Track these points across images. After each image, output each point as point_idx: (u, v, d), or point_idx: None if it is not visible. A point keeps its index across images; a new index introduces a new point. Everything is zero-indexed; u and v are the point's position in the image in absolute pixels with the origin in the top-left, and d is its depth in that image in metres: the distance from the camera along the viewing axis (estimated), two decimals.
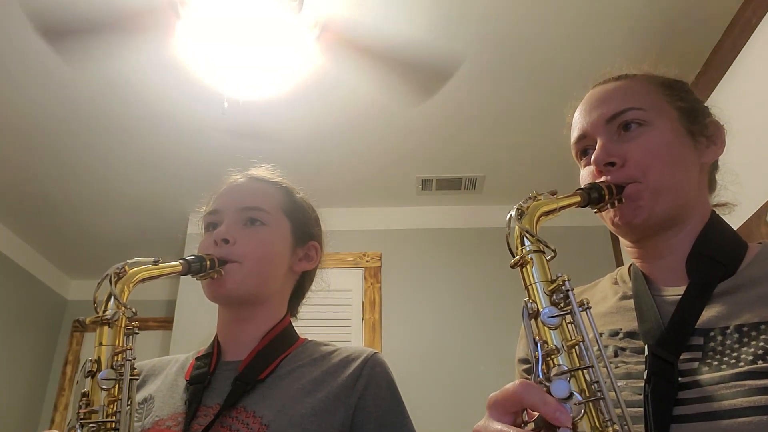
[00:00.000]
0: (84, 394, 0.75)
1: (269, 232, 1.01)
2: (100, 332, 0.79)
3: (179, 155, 2.97)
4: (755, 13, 2.05)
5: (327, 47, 2.22)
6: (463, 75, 2.45)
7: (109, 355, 0.77)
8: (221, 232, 0.96)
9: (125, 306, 0.80)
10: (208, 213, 1.04)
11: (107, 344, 0.78)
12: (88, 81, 2.47)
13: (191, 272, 0.90)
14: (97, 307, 0.80)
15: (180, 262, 0.89)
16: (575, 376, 0.57)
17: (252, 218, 1.00)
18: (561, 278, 0.62)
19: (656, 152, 0.77)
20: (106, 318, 0.78)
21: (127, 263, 0.83)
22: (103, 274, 0.81)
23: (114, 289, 0.80)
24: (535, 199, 0.70)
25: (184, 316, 3.24)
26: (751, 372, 0.62)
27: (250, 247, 0.97)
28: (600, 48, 2.30)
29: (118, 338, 0.79)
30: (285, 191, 1.08)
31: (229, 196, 1.03)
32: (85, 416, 0.74)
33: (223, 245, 0.96)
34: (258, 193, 1.04)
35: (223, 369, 0.96)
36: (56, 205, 3.36)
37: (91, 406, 0.74)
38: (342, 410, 0.90)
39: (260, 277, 0.98)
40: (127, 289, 0.81)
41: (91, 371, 0.76)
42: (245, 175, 1.09)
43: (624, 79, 0.86)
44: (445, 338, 3.17)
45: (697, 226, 0.78)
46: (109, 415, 0.74)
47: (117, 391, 0.76)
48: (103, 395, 0.75)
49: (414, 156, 3.05)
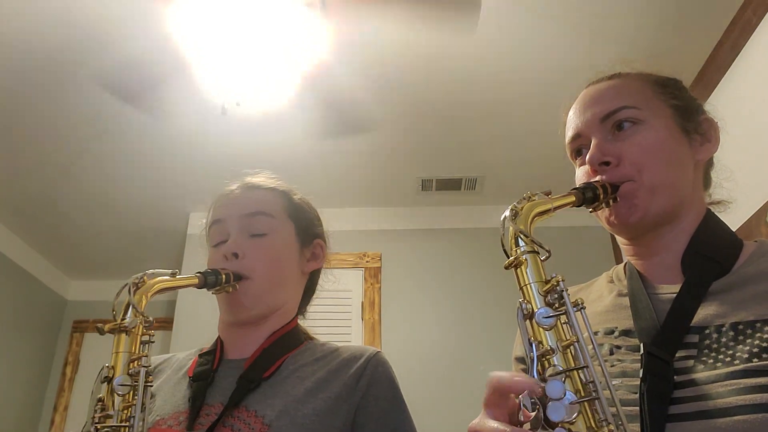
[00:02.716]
0: (99, 400, 0.77)
1: (275, 239, 1.01)
2: (117, 339, 0.81)
3: (179, 155, 2.97)
4: (755, 13, 2.05)
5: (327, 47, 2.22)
6: (464, 75, 2.45)
7: (125, 362, 0.79)
8: (230, 246, 0.97)
9: (143, 315, 0.82)
10: (211, 224, 1.04)
11: (124, 351, 0.80)
12: (90, 79, 2.47)
13: (207, 285, 0.92)
14: (116, 315, 0.82)
15: (197, 276, 0.90)
16: (570, 377, 0.57)
17: (257, 228, 1.00)
18: (555, 278, 0.61)
19: (651, 150, 0.77)
20: (124, 326, 0.80)
21: (146, 273, 0.86)
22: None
23: (132, 298, 0.82)
24: (530, 200, 0.69)
25: (184, 317, 3.24)
26: (746, 370, 0.62)
27: (260, 259, 0.98)
28: (600, 48, 2.30)
29: (135, 346, 0.80)
30: (284, 195, 1.08)
31: (231, 205, 1.03)
32: (100, 421, 0.75)
33: (233, 259, 0.96)
34: (259, 200, 1.04)
35: (226, 367, 0.96)
36: (56, 205, 3.36)
37: (106, 411, 0.76)
38: (344, 410, 0.90)
39: (274, 288, 0.99)
40: (145, 298, 0.83)
41: (108, 377, 0.78)
42: (242, 183, 1.08)
43: (617, 78, 0.85)
44: (445, 338, 3.17)
45: (692, 224, 0.78)
46: (123, 420, 0.75)
47: (131, 397, 0.77)
48: (118, 401, 0.76)
49: (414, 156, 3.05)
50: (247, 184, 1.08)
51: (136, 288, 0.83)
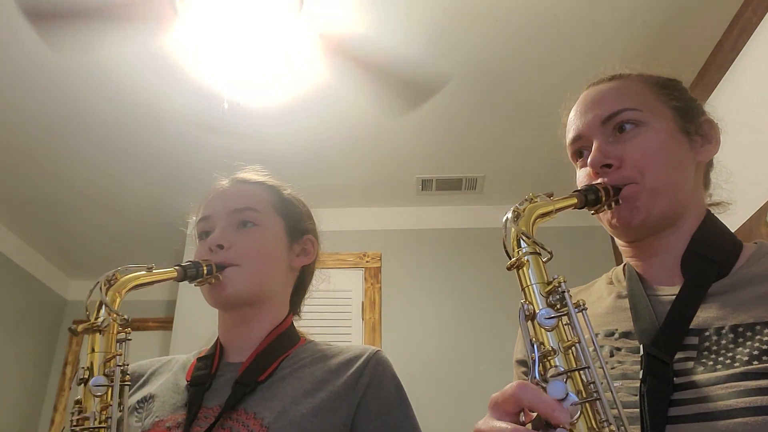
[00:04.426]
0: (77, 401, 0.76)
1: (263, 231, 1.01)
2: (91, 339, 0.80)
3: (179, 155, 2.97)
4: (755, 13, 2.05)
5: (327, 48, 2.22)
6: (464, 75, 2.45)
7: (101, 362, 0.78)
8: (215, 238, 0.97)
9: (116, 313, 0.80)
10: (199, 221, 1.04)
11: (99, 351, 0.79)
12: (88, 81, 2.47)
13: (187, 278, 0.90)
14: (89, 314, 0.81)
15: (175, 269, 0.89)
16: (572, 377, 0.57)
17: (244, 220, 1.00)
18: (557, 279, 0.62)
19: (652, 153, 0.77)
20: (97, 325, 0.79)
21: (118, 270, 0.84)
22: (95, 281, 0.82)
23: (104, 296, 0.81)
24: (532, 201, 0.70)
25: (184, 317, 3.24)
26: (746, 373, 0.62)
27: (246, 248, 0.97)
28: (600, 48, 2.30)
29: (110, 345, 0.79)
30: (272, 189, 1.08)
31: (218, 201, 1.03)
32: (78, 423, 0.74)
33: (218, 251, 0.96)
34: (247, 195, 1.04)
35: (225, 370, 0.95)
36: (56, 205, 3.36)
37: (84, 413, 0.75)
38: (344, 409, 0.89)
39: (260, 276, 0.98)
40: (118, 296, 0.82)
41: (83, 378, 0.77)
42: (231, 178, 1.09)
43: (618, 80, 0.85)
44: (445, 338, 3.17)
45: (692, 226, 0.78)
46: (101, 421, 0.74)
47: (109, 397, 0.76)
48: (96, 402, 0.75)
49: (414, 156, 3.05)
50: (236, 179, 1.08)
51: (109, 285, 0.82)
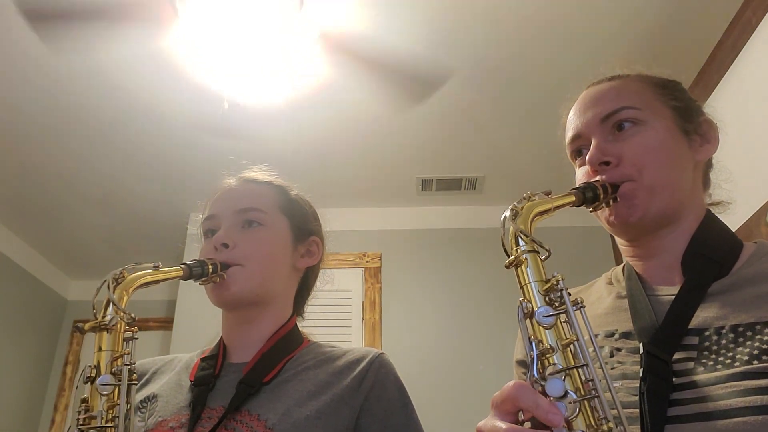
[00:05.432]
0: (83, 400, 0.75)
1: (268, 231, 1.00)
2: (99, 337, 0.79)
3: (180, 155, 2.97)
4: (755, 13, 2.05)
5: (328, 48, 2.22)
6: (464, 75, 2.45)
7: (108, 361, 0.77)
8: (220, 236, 0.96)
9: (124, 311, 0.80)
10: (205, 219, 1.04)
11: (106, 349, 0.78)
12: (88, 81, 2.47)
13: (193, 277, 0.90)
14: (96, 313, 0.80)
15: (181, 267, 0.89)
16: (570, 375, 0.57)
17: (249, 220, 1.00)
18: (555, 278, 0.62)
19: (651, 151, 0.77)
20: (104, 323, 0.79)
21: (125, 269, 0.83)
22: (102, 279, 0.81)
23: (112, 294, 0.80)
24: (530, 200, 0.70)
25: (185, 317, 3.24)
26: (746, 372, 0.62)
27: (251, 248, 0.97)
28: (600, 48, 2.30)
29: (117, 343, 0.79)
30: (279, 190, 1.08)
31: (225, 200, 1.03)
32: (84, 422, 0.74)
33: (223, 250, 0.95)
34: (253, 194, 1.04)
35: (229, 371, 0.95)
36: (56, 205, 3.36)
37: (91, 412, 0.74)
38: (347, 412, 0.89)
39: (264, 277, 0.98)
40: (125, 294, 0.81)
41: (90, 377, 0.76)
42: (238, 178, 1.08)
43: (618, 79, 0.86)
44: (445, 338, 3.17)
45: (692, 225, 0.78)
46: (108, 420, 0.74)
47: (116, 396, 0.76)
48: (102, 401, 0.75)
49: (414, 156, 3.05)
50: (243, 178, 1.08)
51: (116, 284, 0.81)
